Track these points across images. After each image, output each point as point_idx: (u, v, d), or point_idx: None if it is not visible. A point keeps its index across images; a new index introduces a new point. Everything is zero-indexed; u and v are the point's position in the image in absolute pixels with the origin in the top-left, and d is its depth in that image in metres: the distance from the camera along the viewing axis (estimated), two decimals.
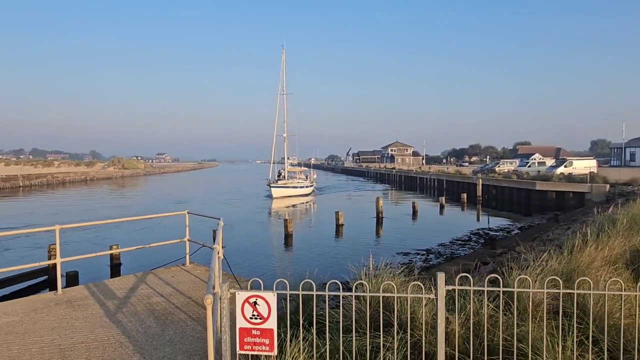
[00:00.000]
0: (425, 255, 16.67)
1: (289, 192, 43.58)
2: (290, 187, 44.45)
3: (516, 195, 35.12)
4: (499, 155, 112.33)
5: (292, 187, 44.76)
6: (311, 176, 50.81)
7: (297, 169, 51.24)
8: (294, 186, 44.95)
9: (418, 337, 4.16)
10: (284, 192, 43.07)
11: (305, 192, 46.14)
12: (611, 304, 4.33)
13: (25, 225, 24.16)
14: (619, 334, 3.62)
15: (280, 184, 43.99)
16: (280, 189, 42.93)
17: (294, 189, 44.54)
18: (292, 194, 43.58)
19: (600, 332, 3.94)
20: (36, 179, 66.36)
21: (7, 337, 5.31)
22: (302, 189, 45.72)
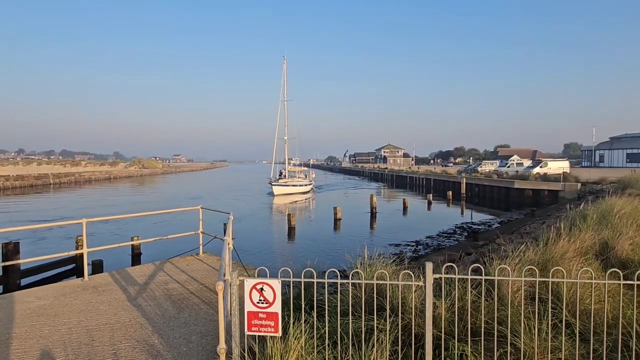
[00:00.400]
0: (415, 247, 16.66)
1: (289, 190, 43.20)
2: (290, 186, 44.05)
3: (496, 193, 35.08)
4: (481, 156, 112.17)
5: (292, 185, 44.36)
6: (310, 175, 50.40)
7: (298, 169, 50.83)
8: (293, 184, 44.55)
9: (408, 320, 4.16)
10: (285, 190, 42.73)
11: (304, 190, 45.71)
12: (582, 291, 4.32)
13: (58, 218, 24.16)
14: (589, 318, 3.61)
15: (281, 182, 43.61)
16: (280, 187, 42.62)
17: (293, 187, 44.12)
18: (292, 192, 43.20)
19: (572, 316, 3.93)
20: (65, 177, 66.31)
21: (39, 318, 5.31)
22: (302, 187, 45.27)
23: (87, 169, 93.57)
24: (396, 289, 4.48)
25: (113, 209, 30.30)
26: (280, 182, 43.51)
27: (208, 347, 4.41)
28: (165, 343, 4.52)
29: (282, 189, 42.56)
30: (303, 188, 45.42)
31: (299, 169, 51.49)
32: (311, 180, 49.42)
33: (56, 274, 12.09)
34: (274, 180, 43.64)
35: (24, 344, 4.56)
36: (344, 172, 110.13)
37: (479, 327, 3.97)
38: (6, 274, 10.40)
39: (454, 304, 4.18)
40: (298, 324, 3.58)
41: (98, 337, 4.69)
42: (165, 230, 18.67)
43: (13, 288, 9.86)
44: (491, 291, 4.58)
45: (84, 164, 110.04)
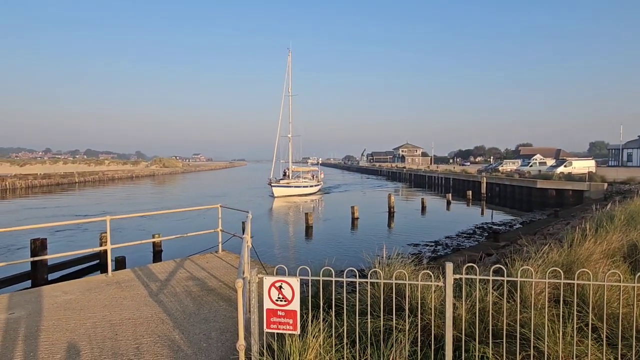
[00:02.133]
0: (434, 247, 16.45)
1: (291, 191, 39.54)
2: (293, 187, 40.29)
3: (518, 193, 34.29)
4: (502, 155, 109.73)
5: (295, 186, 40.58)
6: (318, 176, 46.62)
7: (304, 169, 47.11)
8: (297, 185, 40.81)
9: (427, 321, 4.11)
10: (286, 191, 39.20)
11: (310, 191, 41.89)
12: (609, 294, 4.18)
13: (83, 215, 24.91)
14: (617, 322, 3.49)
15: (283, 183, 40.06)
16: (281, 188, 38.97)
17: (297, 189, 40.36)
18: (295, 194, 39.61)
19: (599, 320, 3.81)
20: (89, 176, 68.27)
21: (66, 312, 5.49)
22: (306, 189, 41.48)
23: (110, 168, 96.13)
24: (415, 289, 4.44)
25: (135, 206, 31.04)
26: (281, 183, 39.83)
27: (227, 343, 4.47)
28: (185, 339, 4.60)
29: (284, 191, 39.03)
30: (308, 189, 41.72)
31: (305, 168, 47.91)
32: (319, 180, 45.79)
33: (81, 269, 12.46)
34: (274, 180, 39.57)
35: (51, 336, 4.72)
36: (361, 171, 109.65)
37: (500, 329, 3.89)
38: (35, 269, 10.78)
39: (474, 305, 4.11)
40: (316, 322, 3.59)
41: (121, 332, 4.82)
42: (185, 227, 19.01)
43: (41, 282, 10.23)
44: (513, 293, 4.49)
45: (108, 163, 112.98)
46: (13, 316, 5.38)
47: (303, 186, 41.36)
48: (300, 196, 39.39)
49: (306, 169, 47.86)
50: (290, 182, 40.88)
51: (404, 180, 67.61)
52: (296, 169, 45.45)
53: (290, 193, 39.33)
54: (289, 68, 44.95)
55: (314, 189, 42.84)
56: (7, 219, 24.22)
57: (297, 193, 39.98)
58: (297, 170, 45.43)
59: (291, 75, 45.12)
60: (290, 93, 45.14)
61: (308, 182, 42.86)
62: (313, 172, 47.54)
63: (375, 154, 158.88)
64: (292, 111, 45.20)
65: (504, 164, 56.64)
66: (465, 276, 3.42)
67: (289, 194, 39.03)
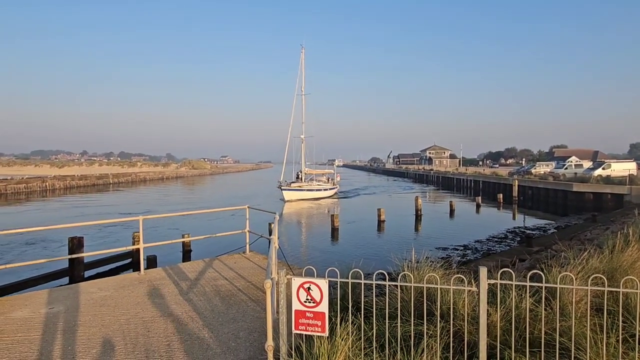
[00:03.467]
0: (463, 251, 16.05)
1: (303, 195, 37.20)
2: (305, 190, 37.85)
3: (552, 196, 33.01)
4: (534, 157, 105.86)
5: (308, 190, 38.17)
6: (335, 179, 44.00)
7: (318, 171, 43.79)
8: (309, 189, 38.37)
9: (458, 327, 4.00)
10: (297, 195, 36.96)
11: (324, 195, 39.51)
12: None
13: (118, 214, 25.88)
14: None
15: (294, 186, 37.85)
16: (292, 191, 36.77)
17: (309, 192, 37.95)
18: (307, 197, 37.28)
19: None
20: (123, 178, 70.88)
21: (101, 308, 5.69)
22: (320, 192, 39.10)
23: (142, 170, 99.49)
24: (445, 293, 4.33)
25: (168, 206, 31.96)
26: (292, 187, 37.69)
27: (255, 343, 4.50)
28: (215, 337, 4.67)
29: (295, 194, 36.75)
30: (322, 193, 39.35)
31: (319, 171, 44.47)
32: (335, 183, 43.20)
33: (115, 267, 12.92)
34: (284, 184, 37.29)
35: (88, 331, 4.89)
36: (387, 173, 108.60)
37: (537, 337, 3.73)
38: (72, 266, 11.25)
39: (508, 312, 3.96)
40: (345, 325, 3.55)
41: (153, 329, 4.94)
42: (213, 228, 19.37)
43: (78, 279, 10.66)
44: (550, 300, 4.30)
45: (140, 165, 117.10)
46: (53, 311, 5.63)
47: (316, 189, 39.12)
48: (313, 200, 37.20)
49: (320, 171, 44.65)
50: (302, 186, 38.59)
51: (432, 182, 66.46)
52: (309, 172, 42.31)
53: (302, 197, 37.08)
54: (302, 65, 42.40)
55: (329, 193, 40.53)
56: (59, 216, 25.50)
57: (310, 197, 37.74)
58: (311, 173, 42.35)
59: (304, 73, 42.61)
60: (303, 92, 42.38)
61: (322, 185, 40.69)
62: (328, 175, 44.79)
63: (402, 155, 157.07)
64: (304, 111, 42.72)
65: (537, 166, 54.57)
66: (501, 281, 3.30)
67: (300, 198, 36.90)
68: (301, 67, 42.06)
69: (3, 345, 4.52)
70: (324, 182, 42.06)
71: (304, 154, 42.61)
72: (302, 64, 42.13)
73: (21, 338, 4.71)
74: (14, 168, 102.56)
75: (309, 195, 37.72)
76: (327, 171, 45.79)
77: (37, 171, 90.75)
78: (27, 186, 48.78)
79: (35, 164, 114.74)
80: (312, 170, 42.89)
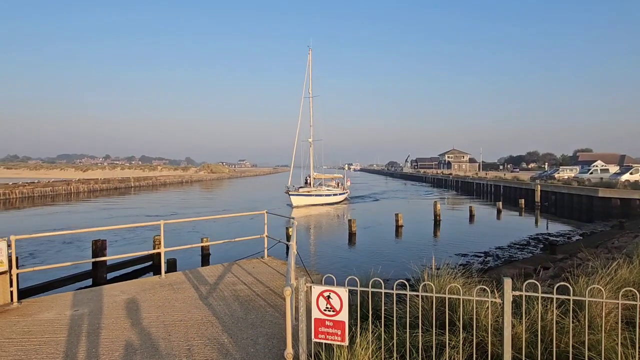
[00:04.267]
0: (483, 258, 15.72)
1: (311, 200, 36.01)
2: (314, 195, 36.70)
3: (577, 202, 32.03)
4: (557, 162, 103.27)
5: (317, 195, 36.98)
6: (345, 183, 43.04)
7: (327, 176, 42.73)
8: (318, 194, 37.17)
9: (481, 337, 3.91)
10: (306, 200, 35.81)
11: (334, 200, 38.45)
12: None
13: (147, 216, 26.46)
14: None
15: (303, 191, 36.67)
16: (300, 197, 35.67)
17: (318, 197, 36.82)
18: (315, 203, 36.17)
19: None
20: (144, 181, 72.44)
21: (124, 311, 5.80)
22: (329, 197, 38.00)
23: (162, 173, 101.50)
24: (467, 303, 4.25)
25: (189, 210, 32.47)
26: (301, 192, 36.45)
27: (274, 350, 4.50)
28: (234, 343, 4.70)
29: (303, 200, 35.68)
30: (331, 198, 38.23)
31: (328, 175, 43.33)
32: (345, 188, 42.20)
33: (136, 270, 13.17)
34: (292, 189, 36.03)
35: (111, 334, 5.00)
36: (405, 177, 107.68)
37: (563, 351, 3.62)
38: (95, 268, 11.54)
39: (534, 324, 3.86)
40: (365, 334, 3.52)
41: (174, 333, 5.01)
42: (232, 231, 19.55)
43: (101, 282, 10.93)
44: (577, 312, 4.17)
45: (160, 169, 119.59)
46: (77, 313, 5.78)
47: (325, 195, 37.96)
48: (322, 206, 36.33)
49: (329, 175, 43.41)
50: (311, 191, 37.38)
51: (450, 187, 65.52)
52: (318, 176, 41.34)
53: (310, 202, 36.01)
54: (310, 67, 40.69)
55: (339, 198, 39.47)
56: (91, 218, 26.28)
57: (319, 202, 36.56)
58: (320, 178, 41.43)
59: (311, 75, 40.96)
60: (311, 94, 40.92)
61: (332, 190, 39.49)
62: (338, 180, 43.40)
63: (420, 160, 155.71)
64: (312, 113, 41.30)
65: (560, 170, 53.18)
66: (526, 293, 3.21)
67: (309, 204, 35.85)
68: (308, 69, 40.58)
69: (31, 346, 4.66)
70: (333, 186, 41.01)
71: (313, 158, 41.31)
72: (310, 65, 40.69)
73: (48, 339, 4.85)
74: (41, 171, 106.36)
75: (318, 200, 36.70)
76: (336, 176, 44.37)
77: (63, 174, 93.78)
78: (53, 189, 50.41)
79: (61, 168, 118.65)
80: (320, 174, 41.89)
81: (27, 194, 46.27)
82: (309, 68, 40.43)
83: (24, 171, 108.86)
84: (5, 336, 4.95)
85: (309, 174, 40.88)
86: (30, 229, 21.23)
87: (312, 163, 41.07)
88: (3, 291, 6.03)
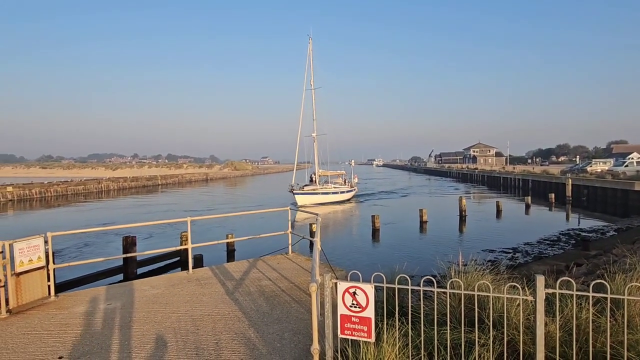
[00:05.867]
0: (512, 254, 15.32)
1: (317, 199, 34.50)
2: (320, 194, 35.25)
3: (611, 196, 30.72)
4: (590, 155, 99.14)
5: (323, 193, 35.50)
6: (352, 180, 41.10)
7: (333, 172, 40.75)
8: (324, 192, 35.67)
9: (511, 336, 3.81)
10: (311, 199, 34.38)
11: (341, 198, 36.82)
12: None
13: (185, 211, 27.20)
14: None
15: (308, 190, 35.29)
16: (305, 195, 34.14)
17: (324, 196, 35.31)
18: (322, 202, 34.72)
19: None
20: (170, 179, 74.34)
21: (154, 306, 5.98)
22: (336, 195, 36.40)
23: (187, 171, 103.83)
24: (496, 301, 4.15)
25: (215, 206, 33.13)
26: (305, 190, 35.03)
27: (300, 345, 4.53)
28: (260, 337, 4.76)
29: (308, 199, 34.22)
30: (338, 196, 36.63)
31: (334, 172, 41.13)
32: (353, 185, 40.38)
33: (164, 265, 13.55)
34: (297, 187, 34.67)
35: (142, 327, 5.16)
36: (428, 172, 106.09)
37: (599, 351, 3.48)
38: (126, 264, 11.94)
39: (567, 322, 3.73)
40: (392, 331, 3.49)
41: (202, 327, 5.12)
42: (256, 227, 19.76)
43: (131, 277, 11.30)
44: (614, 311, 4.00)
45: (186, 167, 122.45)
46: (110, 307, 5.99)
47: (332, 192, 36.40)
48: (329, 204, 34.81)
49: (335, 172, 41.27)
50: (316, 189, 35.94)
51: (476, 182, 64.13)
52: (323, 173, 39.58)
53: (316, 201, 34.55)
54: (310, 57, 38.71)
55: (346, 196, 37.91)
56: (133, 213, 27.28)
57: (325, 201, 35.06)
58: (325, 175, 39.61)
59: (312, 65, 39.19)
60: (313, 86, 39.02)
61: (339, 187, 37.92)
62: (344, 176, 41.65)
63: (444, 154, 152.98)
64: (315, 106, 39.38)
65: (593, 163, 51.12)
66: (560, 291, 3.10)
67: (315, 202, 34.40)
68: (309, 59, 38.75)
69: (68, 338, 4.87)
70: (340, 184, 39.47)
71: (317, 154, 39.77)
72: (310, 55, 38.82)
73: (83, 332, 5.05)
74: (74, 171, 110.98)
75: (324, 199, 35.22)
76: (340, 172, 41.93)
77: (94, 173, 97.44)
78: (85, 188, 52.43)
79: (92, 167, 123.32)
80: (326, 171, 40.28)
81: (61, 192, 48.31)
82: (309, 58, 38.82)
83: (57, 170, 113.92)
84: (44, 328, 5.18)
85: (314, 172, 39.55)
86: (74, 225, 22.19)
87: (316, 159, 39.82)
88: (41, 285, 6.32)
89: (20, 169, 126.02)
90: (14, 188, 43.50)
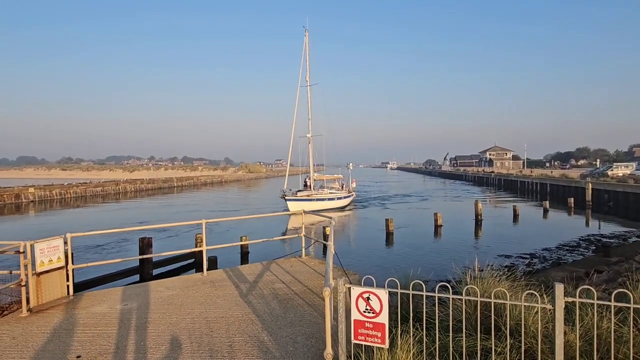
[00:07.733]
0: (529, 260, 15.00)
1: (311, 205, 30.39)
2: (314, 200, 32.50)
3: (633, 201, 29.83)
4: (610, 158, 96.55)
5: (317, 199, 32.91)
6: (350, 185, 38.55)
7: (328, 177, 38.44)
8: (319, 198, 33.14)
9: (528, 344, 3.73)
10: (304, 206, 30.50)
11: (337, 204, 33.94)
12: None
13: (210, 211, 27.55)
14: None
15: (301, 196, 33.02)
16: (297, 202, 30.86)
17: (318, 202, 32.45)
18: (317, 208, 30.08)
19: None
20: (185, 181, 75.32)
21: (169, 307, 6.05)
22: (332, 202, 33.71)
23: (203, 174, 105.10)
24: (513, 308, 4.06)
25: (243, 207, 33.40)
26: (298, 196, 32.65)
27: (313, 349, 4.52)
28: (273, 341, 4.76)
29: (302, 205, 28.78)
30: (334, 202, 33.79)
31: (329, 176, 38.81)
32: (350, 191, 37.56)
33: (179, 267, 13.71)
34: (289, 193, 32.34)
35: (157, 328, 5.22)
36: (443, 176, 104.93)
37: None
38: (142, 265, 12.12)
39: (588, 331, 3.63)
40: (406, 337, 3.46)
41: (216, 329, 5.15)
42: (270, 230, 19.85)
43: (147, 278, 11.46)
44: (637, 320, 3.88)
45: (201, 169, 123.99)
46: (126, 307, 6.09)
47: (328, 199, 33.83)
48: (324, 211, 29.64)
49: (331, 177, 39.01)
50: (311, 195, 33.49)
51: (492, 185, 63.15)
52: (319, 177, 37.08)
53: (310, 208, 29.32)
54: (306, 51, 35.81)
55: (343, 202, 35.03)
56: (163, 213, 27.80)
57: (320, 207, 31.46)
58: (320, 179, 37.15)
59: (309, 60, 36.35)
60: (308, 82, 36.08)
61: (335, 193, 35.18)
62: (341, 181, 39.19)
63: (459, 157, 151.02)
64: (311, 105, 36.60)
65: (614, 167, 49.79)
66: (580, 300, 3.02)
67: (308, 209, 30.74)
68: (305, 54, 35.85)
69: (86, 337, 4.97)
70: (336, 189, 36.78)
71: (312, 156, 36.65)
72: (306, 49, 35.96)
73: (101, 332, 5.14)
74: (92, 172, 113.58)
75: (319, 205, 31.91)
76: (337, 176, 39.83)
77: (112, 175, 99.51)
78: (104, 189, 53.51)
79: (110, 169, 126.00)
80: (321, 176, 37.63)
81: (80, 193, 49.42)
82: (305, 52, 36.02)
83: (77, 172, 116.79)
84: (63, 327, 5.30)
85: (308, 176, 36.89)
86: (108, 224, 22.69)
87: (311, 162, 36.70)
88: (61, 285, 6.46)
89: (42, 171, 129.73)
90: (35, 189, 44.70)
